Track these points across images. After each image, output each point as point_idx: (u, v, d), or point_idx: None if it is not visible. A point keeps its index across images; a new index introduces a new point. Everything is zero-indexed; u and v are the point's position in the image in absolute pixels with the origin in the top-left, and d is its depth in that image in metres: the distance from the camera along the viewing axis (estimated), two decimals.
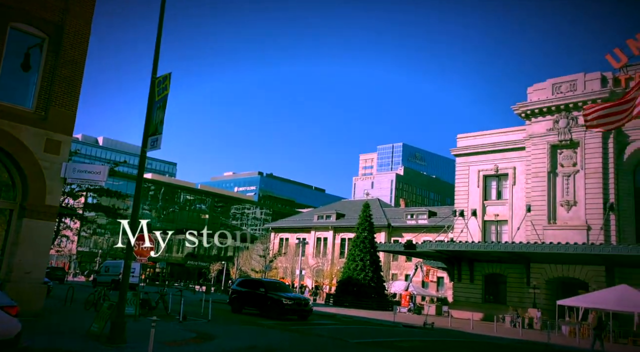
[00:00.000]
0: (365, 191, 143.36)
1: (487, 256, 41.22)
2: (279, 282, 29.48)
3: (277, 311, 24.92)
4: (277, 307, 24.96)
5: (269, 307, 25.44)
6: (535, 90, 43.52)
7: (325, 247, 76.94)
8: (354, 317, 32.82)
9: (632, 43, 38.92)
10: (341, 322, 28.01)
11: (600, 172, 38.59)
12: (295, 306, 25.20)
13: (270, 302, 25.33)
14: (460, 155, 50.07)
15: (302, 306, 25.67)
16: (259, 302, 26.22)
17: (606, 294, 28.35)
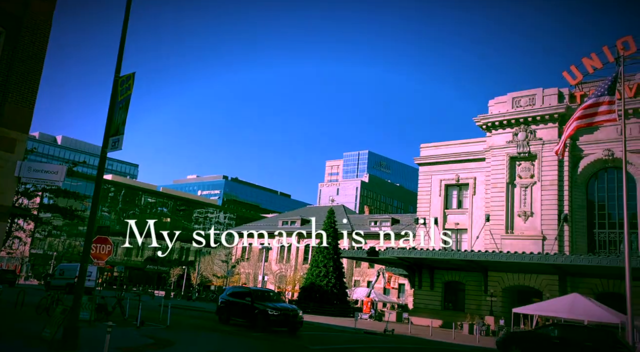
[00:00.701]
0: (331, 197, 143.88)
1: (447, 263, 42.06)
2: (268, 291, 27.21)
3: (262, 322, 23.00)
4: (262, 318, 23.06)
5: (254, 318, 23.63)
6: (496, 104, 44.92)
7: (289, 253, 76.76)
8: (316, 323, 32.83)
9: (587, 61, 40.73)
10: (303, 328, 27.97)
11: (555, 185, 40.10)
12: (281, 317, 22.86)
13: (257, 313, 23.43)
14: (423, 165, 51.05)
15: (291, 318, 23.19)
16: (245, 312, 24.36)
17: (558, 302, 29.37)
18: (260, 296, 24.89)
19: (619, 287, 33.94)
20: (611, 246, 38.71)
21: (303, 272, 60.99)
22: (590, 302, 28.35)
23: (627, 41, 39.03)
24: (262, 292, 26.03)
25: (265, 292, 26.54)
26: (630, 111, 37.33)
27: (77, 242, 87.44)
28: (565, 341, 19.88)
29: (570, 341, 19.78)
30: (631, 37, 38.95)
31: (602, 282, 36.09)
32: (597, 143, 39.32)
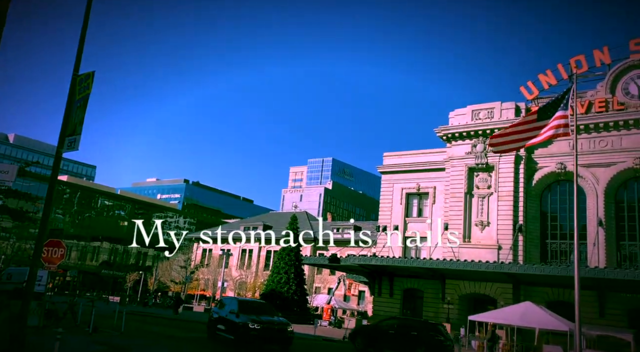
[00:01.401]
0: (294, 203, 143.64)
1: (407, 271, 42.65)
2: (258, 302, 24.47)
3: (243, 337, 20.09)
4: (243, 332, 20.04)
5: (235, 333, 20.69)
6: (457, 115, 46.11)
7: (250, 259, 76.04)
8: None
9: (543, 78, 42.45)
10: None
11: (511, 196, 41.43)
12: (264, 333, 19.73)
13: (238, 326, 20.50)
14: (385, 173, 51.76)
15: (276, 332, 20.14)
16: (230, 326, 21.36)
17: (512, 310, 30.27)
18: (248, 307, 21.87)
19: (568, 296, 35.23)
20: (562, 256, 40.24)
21: (264, 279, 60.52)
22: (541, 311, 29.34)
23: (580, 60, 41.01)
24: (250, 304, 23.16)
25: (254, 303, 23.73)
26: (582, 127, 39.11)
27: (28, 245, 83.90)
28: (398, 332, 23.94)
29: (401, 332, 23.83)
30: (583, 56, 40.93)
31: (554, 291, 37.41)
32: (550, 156, 40.91)
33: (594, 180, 38.91)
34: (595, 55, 40.41)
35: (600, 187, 38.57)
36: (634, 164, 37.40)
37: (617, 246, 38.18)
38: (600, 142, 39.30)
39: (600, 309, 34.78)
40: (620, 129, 38.52)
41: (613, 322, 33.75)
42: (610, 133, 38.91)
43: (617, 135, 38.68)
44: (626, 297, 34.40)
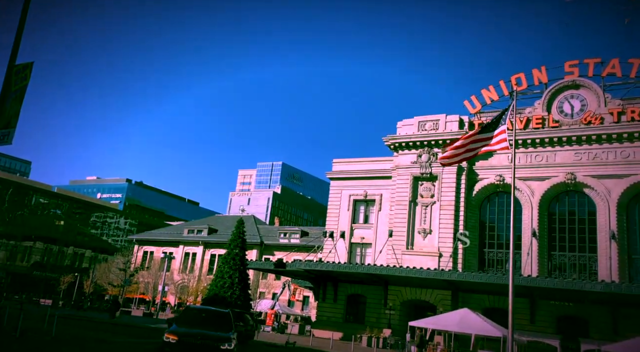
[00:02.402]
0: (241, 207, 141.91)
1: (351, 276, 43.14)
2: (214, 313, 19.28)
3: (160, 350, 16.41)
4: (161, 345, 16.36)
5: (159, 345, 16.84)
6: (404, 126, 47.32)
7: (193, 263, 74.31)
8: None
9: (486, 93, 44.40)
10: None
11: (453, 205, 42.90)
12: (181, 347, 15.77)
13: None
14: (334, 179, 52.25)
15: (198, 348, 15.90)
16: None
17: (450, 316, 31.23)
18: (191, 317, 17.89)
19: (503, 303, 36.79)
20: (498, 265, 42.07)
21: (207, 283, 59.29)
22: (477, 317, 30.44)
23: (520, 78, 43.26)
24: (200, 313, 18.78)
25: (209, 312, 19.10)
26: (520, 142, 41.17)
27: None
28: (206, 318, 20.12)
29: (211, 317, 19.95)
30: (523, 75, 43.21)
31: (490, 298, 38.99)
32: (490, 169, 42.76)
33: (529, 192, 41.00)
34: (534, 74, 42.77)
35: (535, 200, 40.69)
36: (565, 179, 39.75)
37: (548, 255, 40.36)
38: (536, 156, 41.51)
39: (531, 316, 36.59)
40: (554, 145, 40.85)
41: (542, 329, 35.60)
42: (546, 149, 41.20)
43: (552, 151, 41.01)
44: (555, 305, 36.37)
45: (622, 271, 36.78)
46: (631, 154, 38.11)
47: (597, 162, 39.18)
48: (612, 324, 33.94)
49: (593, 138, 39.33)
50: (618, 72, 39.82)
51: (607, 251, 37.23)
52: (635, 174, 37.55)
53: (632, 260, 37.71)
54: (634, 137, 37.94)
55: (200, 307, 21.00)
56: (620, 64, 39.68)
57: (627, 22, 8.50)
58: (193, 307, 20.38)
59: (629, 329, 32.83)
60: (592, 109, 40.21)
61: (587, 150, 39.69)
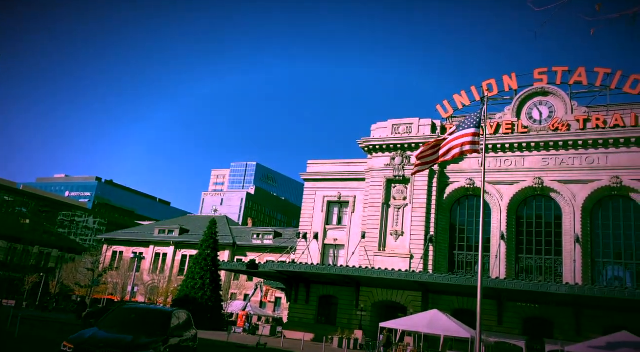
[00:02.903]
0: (214, 207, 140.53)
1: (323, 278, 43.23)
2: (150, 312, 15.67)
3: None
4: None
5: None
6: (378, 128, 47.72)
7: (164, 264, 73.22)
8: None
9: (458, 98, 45.19)
10: None
11: (424, 208, 43.46)
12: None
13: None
14: (308, 180, 52.28)
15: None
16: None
17: (420, 317, 31.62)
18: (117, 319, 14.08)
19: (472, 305, 37.48)
20: (468, 267, 42.80)
21: (178, 284, 58.50)
22: (447, 318, 30.91)
23: (491, 84, 44.21)
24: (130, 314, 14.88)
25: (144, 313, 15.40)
26: (490, 146, 42.04)
27: None
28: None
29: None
30: (494, 81, 44.16)
31: (459, 299, 39.63)
32: (461, 172, 43.49)
33: (498, 196, 41.88)
34: (505, 81, 43.75)
35: (504, 203, 41.59)
36: (533, 183, 40.75)
37: (516, 258, 41.29)
38: (506, 161, 42.45)
39: (499, 317, 37.37)
40: (523, 150, 41.85)
41: (509, 330, 36.39)
42: (515, 153, 42.17)
43: (520, 156, 42.00)
44: (522, 307, 37.22)
45: (585, 274, 37.92)
46: (596, 160, 39.35)
47: (563, 167, 40.31)
48: (575, 325, 34.95)
49: (560, 144, 40.45)
50: (584, 81, 41.08)
51: (572, 254, 38.32)
52: (599, 180, 38.78)
53: (595, 263, 38.92)
54: (598, 144, 39.19)
55: (134, 307, 16.57)
56: (587, 73, 40.97)
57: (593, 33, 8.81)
58: (127, 307, 16.07)
59: (591, 330, 33.93)
60: (559, 116, 41.35)
61: (554, 156, 40.80)
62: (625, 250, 38.18)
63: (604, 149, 39.05)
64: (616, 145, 38.68)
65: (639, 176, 37.60)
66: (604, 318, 34.29)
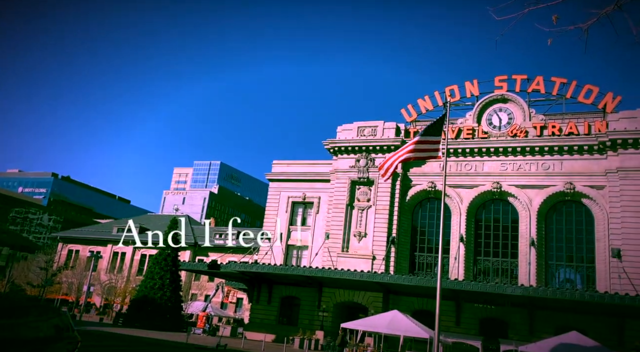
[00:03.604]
0: (175, 206, 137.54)
1: (286, 279, 43.10)
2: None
3: None
4: None
5: None
6: (344, 130, 48.02)
7: (122, 263, 71.37)
8: (145, 338, 30.88)
9: (421, 102, 46.00)
10: (128, 344, 26.10)
11: (387, 210, 44.01)
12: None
13: None
14: (273, 181, 52.04)
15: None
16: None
17: (380, 318, 31.95)
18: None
19: (431, 305, 38.18)
20: (428, 268, 43.60)
21: (136, 284, 57.11)
22: (406, 319, 31.37)
23: (454, 89, 45.21)
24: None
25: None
26: (452, 151, 42.99)
27: None
28: None
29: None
30: (457, 87, 45.17)
31: (419, 300, 40.31)
32: (423, 175, 44.29)
33: (458, 199, 42.86)
34: (467, 87, 44.85)
35: (464, 207, 42.60)
36: (492, 188, 41.93)
37: (474, 260, 42.36)
38: (466, 165, 43.51)
39: (457, 318, 38.22)
40: (483, 155, 43.00)
41: (467, 330, 37.29)
42: (475, 158, 43.28)
43: (480, 160, 43.14)
44: (479, 308, 38.19)
45: (539, 276, 39.29)
46: (551, 166, 40.85)
47: (520, 172, 41.65)
48: (528, 326, 36.14)
49: (518, 150, 41.78)
50: (542, 89, 42.58)
51: (527, 256, 39.64)
52: (554, 185, 40.27)
53: (549, 266, 40.39)
54: (553, 151, 40.71)
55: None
56: (544, 82, 42.48)
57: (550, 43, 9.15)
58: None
59: (543, 330, 35.18)
60: (517, 123, 42.71)
61: (512, 161, 42.11)
62: (576, 253, 39.78)
63: (559, 155, 40.61)
64: (570, 153, 40.27)
65: (590, 182, 39.26)
66: (555, 319, 35.61)
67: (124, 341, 28.04)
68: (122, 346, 24.93)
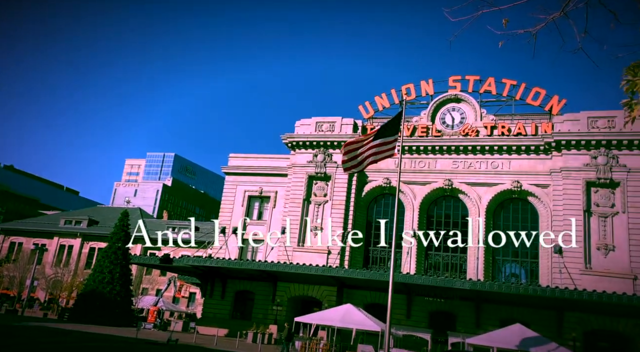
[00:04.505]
0: (127, 198, 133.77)
1: (241, 273, 42.82)
2: None
3: None
4: None
5: None
6: (302, 125, 48.07)
7: (69, 256, 68.77)
8: (92, 334, 29.97)
9: (379, 100, 46.66)
10: (75, 340, 25.23)
11: (343, 205, 44.49)
12: None
13: None
14: (230, 174, 51.45)
15: None
16: None
17: (334, 312, 32.33)
18: None
19: (383, 299, 38.98)
20: (381, 263, 44.44)
21: (84, 278, 55.22)
22: (359, 312, 31.87)
23: (410, 88, 46.11)
24: None
25: None
26: (407, 148, 43.90)
27: None
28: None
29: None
30: (413, 85, 46.10)
31: (371, 294, 41.00)
32: (379, 172, 45.00)
33: (412, 195, 43.86)
34: (422, 86, 45.85)
35: (417, 203, 43.64)
36: (444, 185, 43.14)
37: (425, 255, 43.52)
38: (420, 163, 44.55)
39: (408, 311, 39.19)
40: (436, 153, 44.15)
41: (417, 323, 38.31)
42: (428, 156, 44.37)
43: (433, 158, 44.27)
44: (429, 301, 39.29)
45: (486, 270, 40.84)
46: (500, 164, 42.45)
47: (471, 170, 43.06)
48: (475, 318, 37.53)
49: (469, 149, 43.15)
50: (493, 90, 44.09)
51: (476, 252, 41.10)
52: (502, 183, 41.88)
53: (496, 261, 42.04)
54: (502, 150, 42.31)
55: None
56: (496, 83, 44.00)
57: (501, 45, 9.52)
58: None
59: (489, 322, 36.64)
60: (469, 122, 44.08)
61: (464, 160, 43.46)
62: (521, 249, 41.58)
63: (508, 154, 42.25)
64: (518, 152, 41.98)
65: (536, 181, 41.09)
66: (501, 312, 37.14)
67: (70, 336, 27.10)
68: (67, 342, 24.08)
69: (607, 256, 36.84)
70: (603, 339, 36.44)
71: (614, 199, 38.00)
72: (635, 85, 6.60)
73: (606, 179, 38.15)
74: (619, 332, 35.07)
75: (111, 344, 25.32)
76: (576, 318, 35.40)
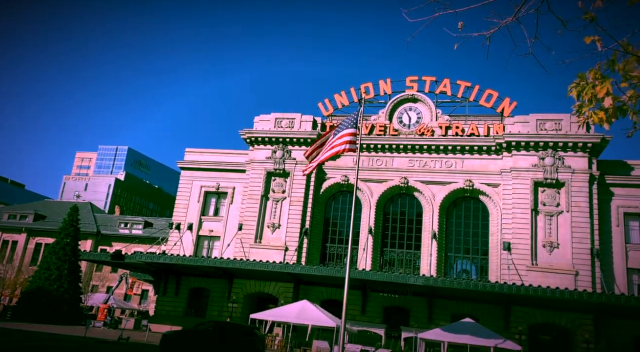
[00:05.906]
0: (77, 192, 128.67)
1: (196, 270, 42.16)
2: None
3: None
4: None
5: None
6: (261, 121, 47.73)
7: (13, 252, 65.64)
8: (37, 333, 28.73)
9: (338, 97, 46.95)
10: (17, 340, 24.11)
11: (301, 201, 44.54)
12: None
13: None
14: (186, 169, 50.46)
15: None
16: None
17: (289, 308, 32.41)
18: None
19: (339, 295, 39.26)
20: (338, 259, 44.83)
21: (29, 275, 52.88)
22: (315, 309, 32.09)
23: (368, 87, 46.67)
24: None
25: None
26: (364, 146, 44.42)
27: None
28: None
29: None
30: (371, 84, 46.66)
31: (328, 290, 41.33)
32: (337, 169, 45.36)
33: (369, 193, 44.45)
34: (380, 85, 46.48)
35: (374, 200, 44.27)
36: (400, 183, 43.96)
37: (381, 251, 44.24)
38: (377, 161, 45.18)
39: (363, 307, 39.75)
40: (393, 151, 44.90)
41: (372, 319, 38.91)
42: (385, 154, 45.07)
43: (390, 156, 45.01)
44: (384, 297, 39.99)
45: (439, 267, 41.97)
46: (453, 164, 43.65)
47: (426, 169, 44.06)
48: (427, 314, 38.53)
49: (424, 148, 44.15)
50: (448, 91, 45.23)
51: (429, 248, 42.15)
52: (456, 182, 43.09)
53: (448, 257, 43.25)
54: (456, 150, 43.53)
55: None
56: (451, 84, 45.15)
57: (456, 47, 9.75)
58: None
59: (441, 317, 37.72)
60: (425, 122, 45.07)
61: (419, 158, 44.42)
62: (472, 246, 42.97)
63: (461, 154, 43.50)
64: (471, 152, 43.30)
65: (487, 180, 42.53)
66: (452, 307, 38.29)
67: (10, 336, 25.88)
68: (9, 341, 23.01)
69: (552, 253, 38.62)
70: (547, 333, 38.27)
71: (559, 198, 39.85)
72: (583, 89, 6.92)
73: (552, 180, 39.94)
74: (561, 326, 36.88)
75: (57, 344, 24.35)
76: (522, 312, 36.95)
